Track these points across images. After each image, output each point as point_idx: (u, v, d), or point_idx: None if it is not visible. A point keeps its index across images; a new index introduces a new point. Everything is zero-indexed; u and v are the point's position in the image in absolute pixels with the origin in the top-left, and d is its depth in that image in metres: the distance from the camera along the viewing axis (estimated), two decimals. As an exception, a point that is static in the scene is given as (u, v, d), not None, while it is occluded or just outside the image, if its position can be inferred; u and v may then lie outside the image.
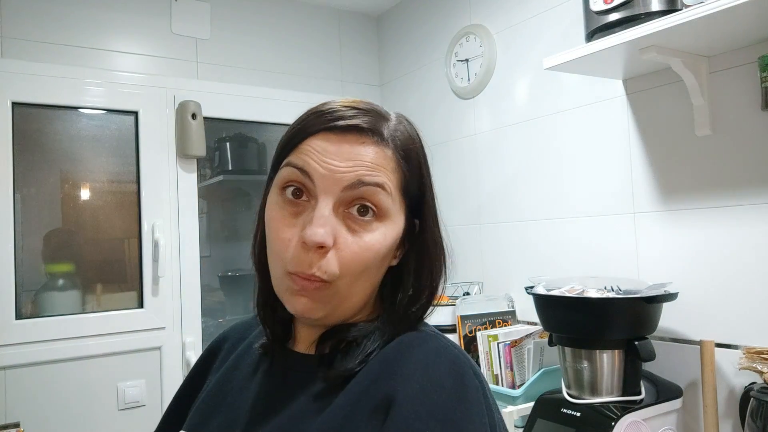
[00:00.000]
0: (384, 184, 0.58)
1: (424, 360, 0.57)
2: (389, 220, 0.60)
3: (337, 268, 0.57)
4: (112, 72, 1.97)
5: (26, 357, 1.75)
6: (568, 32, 1.67)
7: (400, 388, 0.54)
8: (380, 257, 0.60)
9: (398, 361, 0.57)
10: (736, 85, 1.29)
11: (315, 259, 0.56)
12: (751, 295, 1.27)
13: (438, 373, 0.55)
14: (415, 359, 0.57)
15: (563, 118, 1.71)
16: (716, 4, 1.06)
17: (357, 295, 0.61)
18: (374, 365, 0.59)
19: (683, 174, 1.40)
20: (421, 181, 0.63)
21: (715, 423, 1.25)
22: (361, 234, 0.58)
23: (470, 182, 2.06)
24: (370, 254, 0.58)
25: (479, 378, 0.58)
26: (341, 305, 0.60)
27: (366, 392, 0.57)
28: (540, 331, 1.64)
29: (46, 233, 1.88)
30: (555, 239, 1.73)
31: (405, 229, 0.63)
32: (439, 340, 0.61)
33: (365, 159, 0.58)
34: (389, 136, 0.61)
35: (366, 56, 2.56)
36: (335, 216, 0.57)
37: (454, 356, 0.58)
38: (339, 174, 0.57)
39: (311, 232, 0.55)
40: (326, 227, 0.56)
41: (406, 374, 0.55)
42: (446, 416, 0.53)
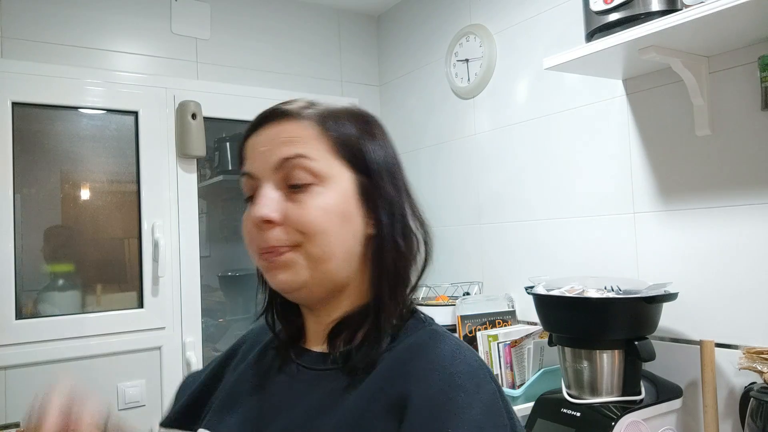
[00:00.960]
0: (304, 153, 0.62)
1: (441, 361, 0.58)
2: (328, 181, 0.63)
3: (292, 234, 0.61)
4: (112, 72, 1.97)
5: (26, 357, 1.75)
6: (568, 32, 1.67)
7: (415, 389, 0.56)
8: (334, 215, 0.62)
9: (412, 361, 0.59)
10: (735, 85, 1.29)
11: (270, 233, 0.62)
12: (751, 295, 1.27)
13: (456, 375, 0.57)
14: (431, 360, 0.59)
15: (563, 118, 1.71)
16: (716, 4, 1.06)
17: (332, 259, 0.62)
18: (388, 364, 0.60)
19: (683, 174, 1.40)
20: (360, 141, 0.66)
21: (715, 423, 1.25)
22: (304, 200, 0.62)
23: (470, 182, 2.06)
24: (319, 212, 0.61)
25: (495, 381, 0.60)
26: (318, 269, 0.62)
27: (381, 390, 0.58)
28: (540, 331, 1.64)
29: (46, 232, 1.88)
30: (555, 239, 1.73)
31: (359, 190, 0.64)
32: (454, 341, 0.62)
33: (282, 136, 0.63)
34: (303, 112, 0.65)
35: (366, 56, 2.56)
36: (280, 195, 0.63)
37: (471, 359, 0.60)
38: (265, 156, 0.63)
39: (253, 210, 0.62)
40: (267, 203, 0.62)
41: (422, 375, 0.57)
42: (469, 417, 0.54)
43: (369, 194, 0.65)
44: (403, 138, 2.42)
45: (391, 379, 0.59)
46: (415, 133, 2.34)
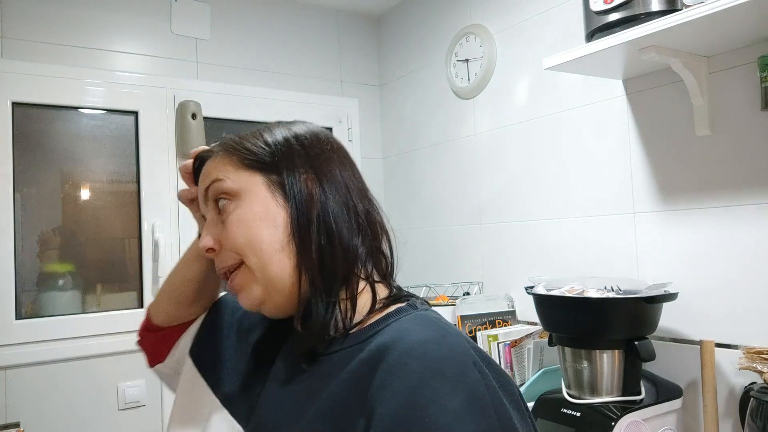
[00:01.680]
0: (217, 177, 0.67)
1: (422, 347, 0.56)
2: (242, 193, 0.65)
3: (231, 255, 0.65)
4: (112, 72, 1.97)
5: (26, 357, 1.75)
6: (568, 32, 1.67)
7: (395, 378, 0.54)
8: (253, 222, 0.64)
9: (393, 346, 0.57)
10: (735, 85, 1.29)
11: (218, 261, 0.67)
12: (751, 295, 1.27)
13: (437, 361, 0.54)
14: (411, 346, 0.56)
15: (563, 118, 1.71)
16: (716, 4, 1.06)
17: (270, 263, 0.63)
18: (372, 349, 0.59)
19: (683, 174, 1.40)
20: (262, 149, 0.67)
21: (715, 423, 1.25)
22: (226, 219, 0.66)
23: (470, 182, 2.06)
24: (238, 226, 0.64)
25: (483, 369, 0.55)
26: (264, 279, 0.64)
27: (363, 378, 0.57)
28: (540, 331, 1.64)
29: (46, 233, 1.88)
30: (555, 239, 1.73)
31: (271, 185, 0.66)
32: (440, 326, 0.60)
33: (206, 172, 0.69)
34: (218, 147, 0.70)
35: (366, 56, 2.56)
36: (216, 222, 0.67)
37: (455, 344, 0.57)
38: (201, 193, 0.70)
39: (200, 242, 0.67)
40: (206, 233, 0.67)
41: (401, 362, 0.55)
42: (450, 407, 0.51)
43: (282, 188, 0.66)
44: (403, 138, 2.42)
45: (371, 369, 0.57)
46: (415, 133, 2.34)
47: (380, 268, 0.69)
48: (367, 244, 0.67)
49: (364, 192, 0.70)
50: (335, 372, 0.60)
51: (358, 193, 0.69)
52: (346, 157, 0.72)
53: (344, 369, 0.59)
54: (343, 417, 0.56)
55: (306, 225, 0.64)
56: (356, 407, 0.55)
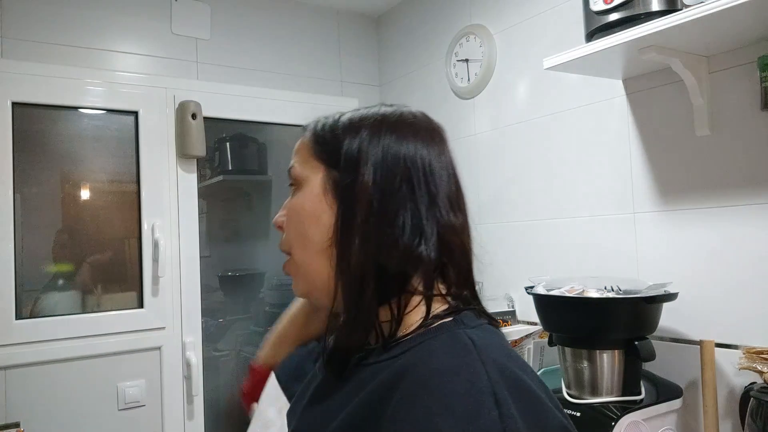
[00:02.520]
0: (292, 162, 0.67)
1: (434, 377, 0.50)
2: (304, 182, 0.65)
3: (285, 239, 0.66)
4: (112, 72, 1.97)
5: (26, 357, 1.75)
6: (568, 32, 1.67)
7: (398, 411, 0.50)
8: (304, 218, 0.63)
9: (408, 374, 0.52)
10: (735, 85, 1.29)
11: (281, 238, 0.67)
12: (751, 295, 1.27)
13: (447, 396, 0.48)
14: (425, 373, 0.51)
15: (563, 118, 1.71)
16: (716, 4, 1.06)
17: (310, 262, 0.63)
18: (393, 371, 0.55)
19: (683, 174, 1.40)
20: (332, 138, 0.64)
21: (715, 423, 1.25)
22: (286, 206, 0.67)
23: (470, 182, 2.06)
24: (293, 217, 0.64)
25: (501, 404, 0.48)
26: (303, 275, 0.64)
27: (379, 402, 0.53)
28: (540, 331, 1.64)
29: (46, 230, 1.88)
30: (555, 239, 1.73)
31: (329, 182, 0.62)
32: (473, 350, 0.53)
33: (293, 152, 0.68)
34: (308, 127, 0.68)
35: (366, 57, 2.56)
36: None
37: (478, 375, 0.50)
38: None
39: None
40: (280, 211, 0.68)
41: (409, 393, 0.50)
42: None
43: (338, 186, 0.62)
44: (403, 138, 2.42)
45: (387, 392, 0.53)
46: (415, 133, 2.34)
47: (449, 280, 0.62)
48: (433, 253, 0.59)
49: (452, 190, 0.64)
50: (362, 386, 0.57)
51: (444, 190, 0.63)
52: (440, 148, 0.66)
53: (370, 384, 0.56)
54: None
55: (347, 231, 0.59)
56: (372, 427, 0.52)
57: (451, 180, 0.66)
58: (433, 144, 0.65)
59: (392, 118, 0.64)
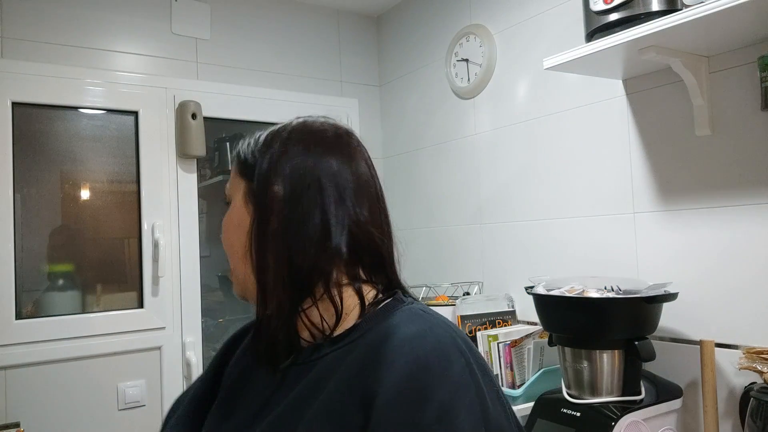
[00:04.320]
0: (227, 185, 0.74)
1: (409, 343, 0.58)
2: (233, 199, 0.72)
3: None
4: (112, 72, 1.97)
5: (26, 357, 1.75)
6: (568, 32, 1.67)
7: (383, 379, 0.56)
8: (230, 226, 0.71)
9: (381, 346, 0.59)
10: (736, 85, 1.29)
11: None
12: (751, 295, 1.27)
13: (423, 356, 0.57)
14: (398, 343, 0.58)
15: (563, 118, 1.71)
16: (716, 4, 1.06)
17: (237, 266, 0.70)
18: (362, 349, 0.61)
19: (683, 174, 1.40)
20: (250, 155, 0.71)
21: (715, 423, 1.25)
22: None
23: (470, 182, 2.06)
24: (223, 229, 0.73)
25: (466, 355, 0.59)
26: (236, 280, 0.71)
27: (356, 377, 0.59)
28: (540, 331, 1.64)
29: (46, 230, 1.88)
30: (555, 239, 1.73)
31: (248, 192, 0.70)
32: (427, 319, 0.63)
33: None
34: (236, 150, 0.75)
35: (365, 56, 2.56)
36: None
37: (441, 335, 0.60)
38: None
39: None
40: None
41: (389, 361, 0.57)
42: (436, 399, 0.54)
43: (254, 196, 0.69)
44: (403, 138, 2.42)
45: (363, 368, 0.59)
46: (415, 133, 2.34)
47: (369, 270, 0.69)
48: (344, 247, 0.66)
49: (361, 187, 0.69)
50: (329, 374, 0.61)
51: (349, 190, 0.68)
52: (344, 152, 0.70)
53: (338, 370, 0.61)
54: (342, 417, 0.57)
55: (261, 236, 0.66)
56: (354, 407, 0.57)
57: (360, 178, 0.70)
58: (339, 148, 0.70)
59: (300, 130, 0.71)
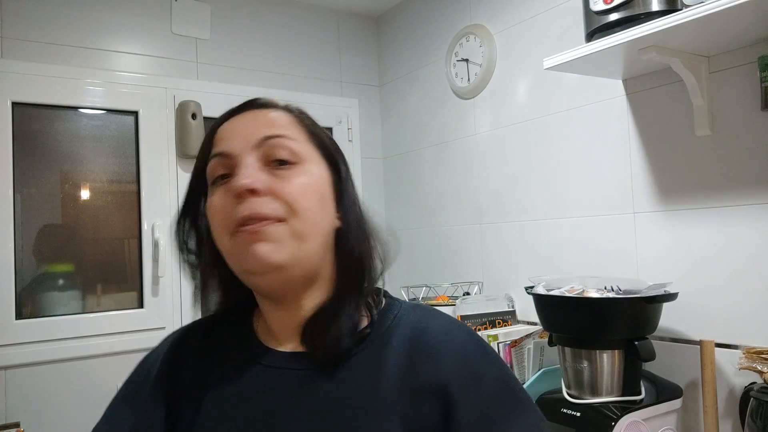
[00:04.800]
0: (286, 133, 0.63)
1: (448, 334, 0.64)
2: (308, 162, 0.64)
3: (279, 206, 0.60)
4: (112, 72, 1.97)
5: (26, 357, 1.75)
6: (568, 32, 1.67)
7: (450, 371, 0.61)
8: (317, 199, 0.63)
9: (423, 340, 0.63)
10: (736, 85, 1.29)
11: (255, 202, 0.59)
12: (751, 295, 1.27)
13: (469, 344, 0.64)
14: (439, 335, 0.64)
15: (563, 118, 1.71)
16: (716, 4, 1.06)
17: (313, 238, 0.62)
18: (401, 342, 0.63)
19: (683, 174, 1.40)
20: (327, 137, 0.69)
21: (715, 423, 1.25)
22: (289, 177, 0.61)
23: (470, 182, 2.06)
24: (305, 189, 0.62)
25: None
26: (300, 247, 0.61)
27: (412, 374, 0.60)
28: (540, 331, 1.64)
29: (46, 232, 1.87)
30: (555, 239, 1.73)
31: (331, 180, 0.66)
32: (439, 312, 0.69)
33: (266, 118, 0.64)
34: (284, 105, 0.67)
35: (365, 57, 2.56)
36: (260, 166, 0.61)
37: (457, 321, 0.69)
38: (245, 135, 0.63)
39: (237, 180, 0.59)
40: (251, 173, 0.60)
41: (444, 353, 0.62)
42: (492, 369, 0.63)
43: (337, 188, 0.67)
44: (403, 138, 2.42)
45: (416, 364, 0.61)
46: (415, 133, 2.34)
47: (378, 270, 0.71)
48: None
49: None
50: (374, 374, 0.61)
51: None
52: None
53: (383, 369, 0.61)
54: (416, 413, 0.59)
55: (352, 236, 0.66)
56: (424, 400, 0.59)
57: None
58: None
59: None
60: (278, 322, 0.67)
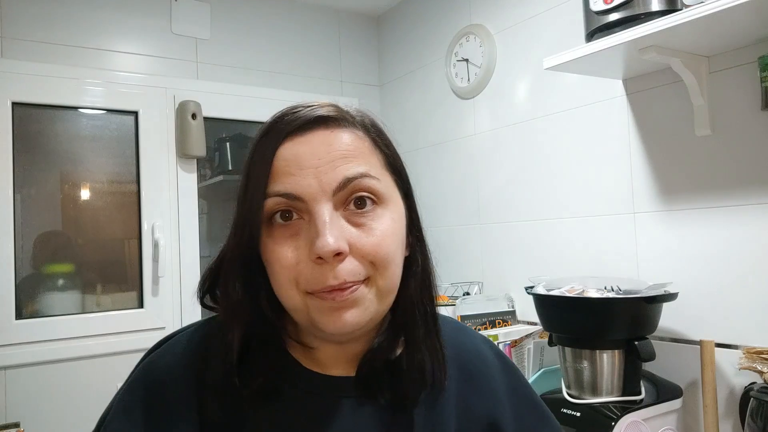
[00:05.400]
0: (367, 171, 0.55)
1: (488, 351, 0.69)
2: (389, 202, 0.57)
3: (365, 263, 0.54)
4: (112, 72, 1.97)
5: (26, 357, 1.75)
6: (568, 32, 1.67)
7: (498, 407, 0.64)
8: (399, 241, 0.57)
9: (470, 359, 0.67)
10: (736, 85, 1.29)
11: (343, 267, 0.52)
12: (751, 295, 1.27)
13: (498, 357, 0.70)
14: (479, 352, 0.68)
15: (563, 118, 1.71)
16: (716, 4, 1.06)
17: (395, 289, 0.57)
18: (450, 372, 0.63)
19: (683, 174, 1.40)
20: (398, 159, 0.61)
21: (715, 423, 1.25)
22: (370, 225, 0.54)
23: (470, 182, 2.06)
24: (390, 240, 0.55)
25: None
26: (384, 302, 0.56)
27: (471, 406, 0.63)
28: (540, 331, 1.64)
29: (46, 230, 1.88)
30: (555, 239, 1.73)
31: (405, 207, 0.60)
32: (465, 328, 0.73)
33: (340, 148, 0.54)
34: (356, 116, 0.58)
35: (366, 56, 2.56)
36: (339, 219, 0.54)
37: (488, 341, 0.72)
38: (324, 176, 0.53)
39: (322, 243, 0.51)
40: (335, 232, 0.52)
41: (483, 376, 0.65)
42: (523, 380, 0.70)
43: (409, 218, 0.61)
44: (403, 138, 2.42)
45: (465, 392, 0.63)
46: (415, 133, 2.34)
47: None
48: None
49: None
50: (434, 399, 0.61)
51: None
52: None
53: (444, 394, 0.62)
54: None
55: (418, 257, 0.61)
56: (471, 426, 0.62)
57: None
58: None
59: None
60: (328, 353, 0.61)
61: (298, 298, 0.54)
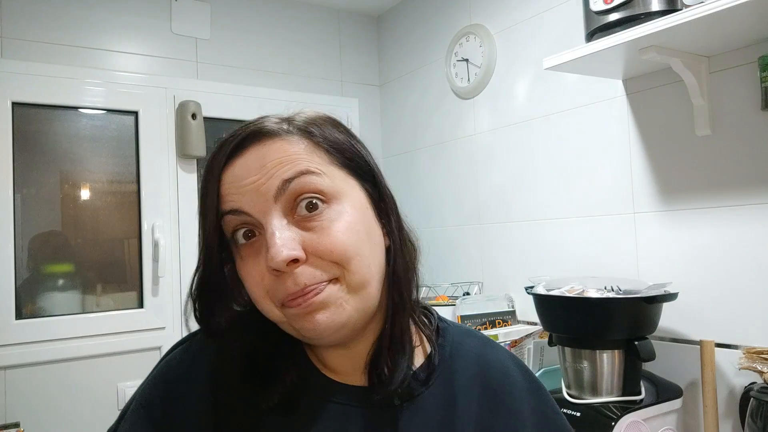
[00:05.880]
0: (306, 168, 0.54)
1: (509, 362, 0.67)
2: (342, 197, 0.56)
3: (326, 268, 0.54)
4: (112, 72, 1.97)
5: (26, 357, 1.75)
6: (568, 32, 1.67)
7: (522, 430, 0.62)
8: (362, 233, 0.56)
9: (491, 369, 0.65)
10: (736, 85, 1.29)
11: (300, 274, 0.53)
12: (751, 295, 1.27)
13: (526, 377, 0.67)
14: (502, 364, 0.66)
15: (563, 118, 1.71)
16: (716, 4, 1.06)
17: (371, 281, 0.56)
18: (469, 374, 0.63)
19: (683, 174, 1.40)
20: (351, 147, 0.60)
21: (715, 423, 1.25)
22: (322, 226, 0.54)
23: (470, 182, 2.06)
24: (347, 236, 0.54)
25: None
26: (361, 298, 0.55)
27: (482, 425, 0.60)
28: (540, 331, 1.64)
29: (46, 230, 1.88)
30: (555, 239, 1.73)
31: (368, 196, 0.59)
32: (492, 343, 0.70)
33: (274, 158, 0.54)
34: (286, 124, 0.57)
35: (366, 56, 2.56)
36: (289, 227, 0.53)
37: (514, 358, 0.70)
38: (262, 187, 0.53)
39: (271, 254, 0.51)
40: (284, 241, 0.52)
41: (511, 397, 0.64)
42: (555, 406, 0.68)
43: (377, 204, 0.60)
44: (403, 138, 2.42)
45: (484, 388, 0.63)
46: (415, 133, 2.34)
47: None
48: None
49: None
50: (443, 412, 0.60)
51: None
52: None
53: (455, 406, 0.60)
54: None
55: (400, 252, 0.60)
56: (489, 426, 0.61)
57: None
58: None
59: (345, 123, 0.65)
60: (338, 359, 0.61)
61: (276, 311, 0.55)
